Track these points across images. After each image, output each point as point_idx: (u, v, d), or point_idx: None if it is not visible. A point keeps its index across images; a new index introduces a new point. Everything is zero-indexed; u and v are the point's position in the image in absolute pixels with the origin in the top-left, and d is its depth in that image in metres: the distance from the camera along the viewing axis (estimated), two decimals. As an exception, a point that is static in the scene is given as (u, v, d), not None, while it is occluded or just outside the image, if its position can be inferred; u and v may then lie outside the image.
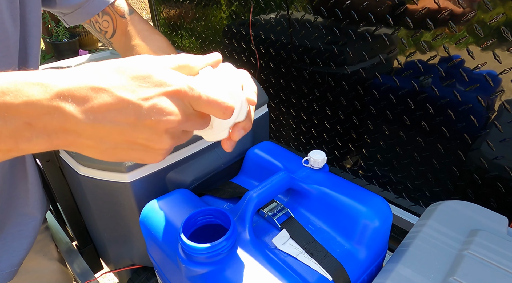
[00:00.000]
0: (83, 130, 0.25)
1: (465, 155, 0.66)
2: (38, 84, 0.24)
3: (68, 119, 0.25)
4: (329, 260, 0.44)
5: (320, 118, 0.91)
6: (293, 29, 0.86)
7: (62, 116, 0.24)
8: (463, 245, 0.46)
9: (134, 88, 0.26)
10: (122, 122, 0.26)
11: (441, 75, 0.63)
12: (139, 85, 0.26)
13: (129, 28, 0.60)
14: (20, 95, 0.23)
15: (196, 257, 0.39)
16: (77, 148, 0.27)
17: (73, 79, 0.25)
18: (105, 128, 0.26)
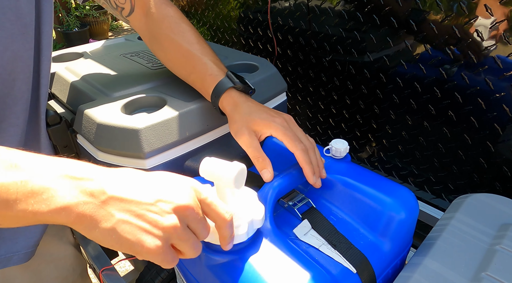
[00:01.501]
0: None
1: (494, 146, 0.63)
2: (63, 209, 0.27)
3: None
4: (352, 252, 0.42)
5: (339, 107, 0.89)
6: (313, 15, 0.83)
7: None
8: (494, 239, 0.44)
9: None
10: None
11: (473, 62, 0.60)
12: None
13: (153, 11, 0.55)
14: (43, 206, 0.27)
15: (216, 245, 0.38)
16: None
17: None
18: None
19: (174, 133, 0.51)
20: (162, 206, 0.31)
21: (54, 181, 0.27)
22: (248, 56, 0.73)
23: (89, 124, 0.53)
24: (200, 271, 0.42)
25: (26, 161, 0.27)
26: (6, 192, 0.25)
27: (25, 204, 0.26)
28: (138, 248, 0.30)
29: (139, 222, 0.30)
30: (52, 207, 0.27)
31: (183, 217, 0.31)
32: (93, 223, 0.28)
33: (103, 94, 0.60)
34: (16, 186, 0.25)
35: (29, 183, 0.26)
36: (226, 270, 0.38)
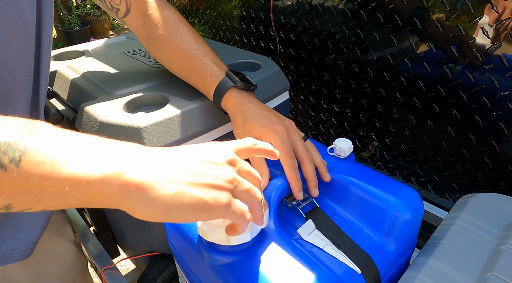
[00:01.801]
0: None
1: (499, 145, 0.63)
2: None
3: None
4: (357, 252, 0.42)
5: (341, 106, 0.88)
6: (316, 13, 0.83)
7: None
8: (500, 239, 0.43)
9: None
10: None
11: (478, 61, 0.60)
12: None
13: (150, 12, 0.55)
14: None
15: (220, 245, 0.38)
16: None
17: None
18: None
19: (176, 131, 0.51)
20: (216, 160, 0.30)
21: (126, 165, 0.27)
22: (250, 54, 0.73)
23: (91, 123, 0.52)
24: (204, 272, 0.42)
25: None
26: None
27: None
28: (210, 206, 0.29)
29: (203, 179, 0.29)
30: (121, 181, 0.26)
31: (235, 168, 0.32)
32: (154, 191, 0.27)
33: (105, 92, 0.60)
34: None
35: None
36: (230, 270, 0.38)
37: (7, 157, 0.22)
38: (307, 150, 0.48)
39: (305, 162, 0.47)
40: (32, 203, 0.24)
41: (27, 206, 0.24)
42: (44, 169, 0.23)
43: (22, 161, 0.22)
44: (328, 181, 0.49)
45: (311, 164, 0.47)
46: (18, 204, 0.23)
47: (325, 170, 0.48)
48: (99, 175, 0.25)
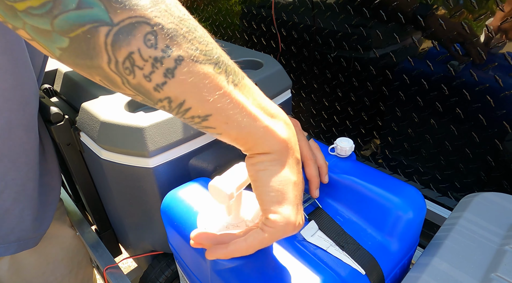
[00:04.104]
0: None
1: (502, 144, 0.62)
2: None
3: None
4: (361, 253, 0.42)
5: (343, 104, 0.88)
6: (318, 10, 0.82)
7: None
8: (504, 239, 0.43)
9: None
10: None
11: (482, 59, 0.59)
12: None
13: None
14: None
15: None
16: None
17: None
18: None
19: (178, 131, 0.51)
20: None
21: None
22: (252, 52, 0.72)
23: (92, 122, 0.52)
24: (207, 275, 0.42)
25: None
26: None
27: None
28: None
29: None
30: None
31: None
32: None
33: (106, 91, 0.59)
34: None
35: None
36: (234, 274, 0.38)
37: (231, 79, 0.28)
38: (311, 150, 0.47)
39: (308, 162, 0.46)
40: (222, 123, 0.28)
41: (218, 123, 0.28)
42: (247, 100, 0.28)
43: (239, 85, 0.28)
44: (326, 182, 0.48)
45: (315, 164, 0.47)
46: (219, 118, 0.28)
47: (326, 172, 0.48)
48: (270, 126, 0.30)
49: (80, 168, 0.63)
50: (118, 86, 0.25)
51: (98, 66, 0.23)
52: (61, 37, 0.22)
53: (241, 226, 0.38)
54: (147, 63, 0.24)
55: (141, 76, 0.24)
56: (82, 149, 0.60)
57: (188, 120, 0.28)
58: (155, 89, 0.25)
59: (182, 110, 0.26)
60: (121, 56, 0.23)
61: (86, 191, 0.66)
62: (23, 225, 0.55)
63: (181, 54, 0.24)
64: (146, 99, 0.26)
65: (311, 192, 0.47)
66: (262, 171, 0.31)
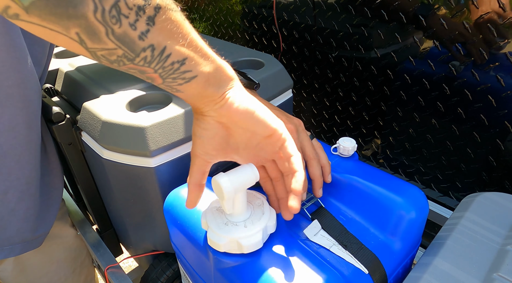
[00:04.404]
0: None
1: (504, 144, 0.62)
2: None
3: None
4: (363, 252, 0.42)
5: (344, 104, 0.88)
6: (319, 10, 0.82)
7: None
8: (505, 239, 0.43)
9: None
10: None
11: (484, 59, 0.59)
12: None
13: None
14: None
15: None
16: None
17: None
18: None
19: (180, 131, 0.51)
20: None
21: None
22: (253, 52, 0.72)
23: (94, 122, 0.52)
24: (210, 274, 0.42)
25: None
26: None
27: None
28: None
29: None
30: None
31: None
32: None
33: (108, 90, 0.59)
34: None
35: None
36: (237, 273, 0.38)
37: (191, 25, 0.30)
38: (314, 150, 0.47)
39: (312, 162, 0.46)
40: (196, 64, 0.30)
41: (193, 65, 0.30)
42: (204, 43, 0.31)
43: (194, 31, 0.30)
44: (329, 182, 0.48)
45: (318, 164, 0.47)
46: (193, 60, 0.29)
47: (329, 171, 0.48)
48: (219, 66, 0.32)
49: (82, 168, 0.63)
50: (99, 38, 0.24)
51: (82, 15, 0.22)
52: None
53: (240, 226, 0.38)
54: (131, 11, 0.24)
55: (127, 25, 0.24)
56: (83, 149, 0.60)
57: (167, 69, 0.28)
58: (140, 37, 0.25)
59: (164, 57, 0.27)
60: (108, 4, 0.23)
61: (87, 190, 0.66)
62: (27, 226, 0.55)
63: (158, 3, 0.25)
64: (127, 52, 0.26)
65: (314, 191, 0.47)
66: (245, 102, 0.34)
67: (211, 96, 0.32)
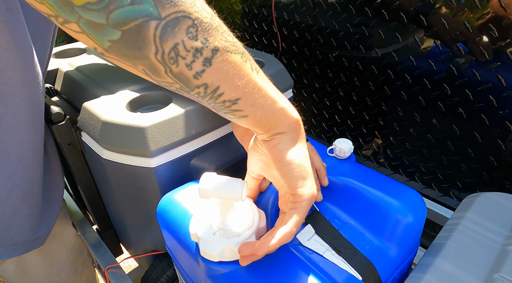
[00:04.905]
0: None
1: (505, 144, 0.62)
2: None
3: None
4: (358, 258, 0.40)
5: (345, 104, 0.88)
6: (319, 9, 0.82)
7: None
8: (507, 239, 0.43)
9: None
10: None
11: (485, 58, 0.59)
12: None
13: None
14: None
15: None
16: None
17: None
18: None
19: (180, 131, 0.51)
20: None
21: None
22: (253, 52, 0.72)
23: (94, 122, 0.52)
24: (201, 279, 0.41)
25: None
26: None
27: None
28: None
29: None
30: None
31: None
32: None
33: (107, 90, 0.59)
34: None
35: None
36: (228, 280, 0.37)
37: (254, 67, 0.31)
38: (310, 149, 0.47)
39: None
40: (249, 105, 0.31)
41: (246, 106, 0.31)
42: (266, 85, 0.32)
43: (259, 73, 0.32)
44: (325, 185, 0.48)
45: (318, 158, 0.47)
46: (247, 101, 0.31)
47: (324, 174, 0.48)
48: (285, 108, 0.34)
49: (82, 168, 0.63)
50: (160, 74, 0.27)
51: (146, 57, 0.26)
52: (114, 30, 0.24)
53: (227, 233, 0.37)
54: (189, 53, 0.26)
55: (183, 65, 0.27)
56: (83, 149, 0.59)
57: (219, 105, 0.30)
58: (195, 76, 0.28)
59: (216, 95, 0.29)
60: (167, 47, 0.26)
61: (87, 190, 0.66)
62: (30, 225, 0.55)
63: (217, 45, 0.28)
64: (183, 86, 0.29)
65: None
66: (284, 151, 0.34)
67: (259, 133, 0.34)
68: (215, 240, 0.37)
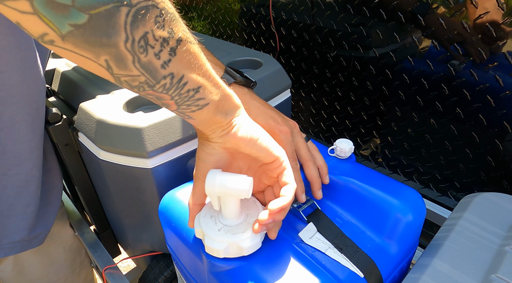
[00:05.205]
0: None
1: (503, 144, 0.62)
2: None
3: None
4: (359, 255, 0.41)
5: (343, 104, 0.88)
6: (318, 9, 0.82)
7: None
8: (504, 240, 0.43)
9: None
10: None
11: (482, 59, 0.59)
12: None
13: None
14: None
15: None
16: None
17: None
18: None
19: (177, 131, 0.50)
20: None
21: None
22: (251, 51, 0.72)
23: (90, 122, 0.52)
24: (204, 277, 0.41)
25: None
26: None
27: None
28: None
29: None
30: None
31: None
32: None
33: (104, 91, 0.59)
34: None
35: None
36: (231, 277, 0.37)
37: (205, 57, 0.32)
38: (309, 152, 0.47)
39: (307, 163, 0.46)
40: (208, 92, 0.32)
41: (206, 93, 0.32)
42: (215, 73, 0.33)
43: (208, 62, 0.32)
44: (327, 183, 0.48)
45: (314, 165, 0.47)
46: (206, 88, 0.32)
47: (326, 172, 0.48)
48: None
49: (79, 169, 0.63)
50: (126, 65, 0.26)
51: (114, 44, 0.25)
52: (80, 13, 0.22)
53: (237, 229, 0.38)
54: (157, 42, 0.26)
55: (152, 54, 0.27)
56: (80, 150, 0.59)
57: (183, 96, 0.31)
58: (162, 66, 0.28)
59: (181, 84, 0.30)
60: (137, 35, 0.25)
61: (84, 191, 0.66)
62: (27, 224, 0.55)
63: (180, 36, 0.28)
64: (148, 79, 0.28)
65: (314, 193, 0.47)
66: (249, 130, 0.36)
67: (219, 122, 0.34)
68: (221, 236, 0.37)
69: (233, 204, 0.37)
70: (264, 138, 0.36)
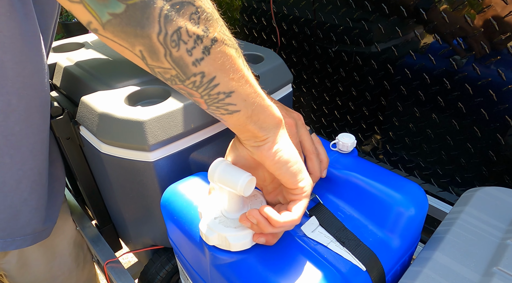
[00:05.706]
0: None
1: (504, 139, 0.62)
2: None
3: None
4: (361, 249, 0.41)
5: (344, 99, 0.87)
6: (319, 4, 0.81)
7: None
8: (505, 233, 0.43)
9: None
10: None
11: (485, 53, 0.59)
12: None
13: None
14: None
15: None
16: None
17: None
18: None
19: (179, 125, 0.50)
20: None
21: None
22: (253, 46, 0.72)
23: (92, 116, 0.52)
24: (206, 270, 0.42)
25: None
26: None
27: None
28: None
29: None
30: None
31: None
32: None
33: (106, 85, 0.59)
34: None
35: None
36: (233, 269, 0.37)
37: (245, 64, 0.32)
38: (313, 145, 0.47)
39: (311, 156, 0.46)
40: (242, 100, 0.31)
41: (239, 100, 0.31)
42: (255, 82, 0.33)
43: (248, 70, 0.32)
44: (323, 177, 0.48)
45: (317, 159, 0.47)
46: (240, 95, 0.31)
47: (325, 167, 0.48)
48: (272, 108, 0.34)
49: (80, 163, 0.63)
50: (158, 57, 0.27)
51: (147, 36, 0.25)
52: (118, 3, 0.23)
53: (231, 223, 0.38)
54: (190, 39, 0.26)
55: (184, 50, 0.27)
56: (82, 143, 0.59)
57: (213, 97, 0.30)
58: (193, 63, 0.28)
59: (212, 85, 0.29)
60: (171, 29, 0.25)
61: (86, 185, 0.66)
62: (38, 216, 0.55)
63: (216, 36, 0.28)
64: (179, 74, 0.28)
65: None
66: (280, 153, 0.34)
67: (253, 132, 0.34)
68: (213, 225, 0.37)
69: (231, 197, 0.37)
70: (294, 164, 0.35)
